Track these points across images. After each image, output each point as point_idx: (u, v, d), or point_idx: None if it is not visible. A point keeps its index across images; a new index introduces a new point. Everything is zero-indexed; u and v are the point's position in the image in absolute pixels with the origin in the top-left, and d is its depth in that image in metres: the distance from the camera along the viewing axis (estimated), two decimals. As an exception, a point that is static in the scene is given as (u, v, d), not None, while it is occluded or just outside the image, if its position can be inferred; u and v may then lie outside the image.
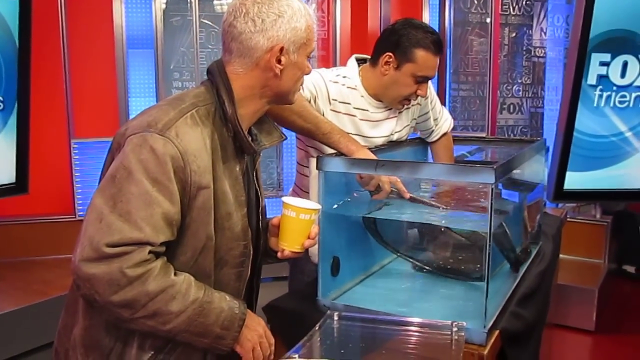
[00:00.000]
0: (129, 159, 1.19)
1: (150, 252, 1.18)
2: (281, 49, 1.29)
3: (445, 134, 2.18)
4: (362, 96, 1.92)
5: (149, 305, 1.18)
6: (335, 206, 1.63)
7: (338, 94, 1.88)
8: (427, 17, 4.49)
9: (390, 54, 1.85)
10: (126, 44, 3.83)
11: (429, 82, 1.97)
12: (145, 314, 1.18)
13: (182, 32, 4.08)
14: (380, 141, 1.96)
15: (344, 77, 1.92)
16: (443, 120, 2.17)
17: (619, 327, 3.50)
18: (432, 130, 2.16)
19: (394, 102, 1.92)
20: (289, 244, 1.39)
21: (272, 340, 1.37)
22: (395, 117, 1.99)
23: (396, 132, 2.01)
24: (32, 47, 3.20)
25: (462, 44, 4.78)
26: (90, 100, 3.66)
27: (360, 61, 1.99)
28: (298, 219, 1.37)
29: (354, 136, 1.84)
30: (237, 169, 1.34)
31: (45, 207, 3.45)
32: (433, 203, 1.73)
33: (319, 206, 1.41)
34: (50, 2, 3.51)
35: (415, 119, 2.10)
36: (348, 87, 1.90)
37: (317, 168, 1.55)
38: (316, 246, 1.58)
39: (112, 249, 1.15)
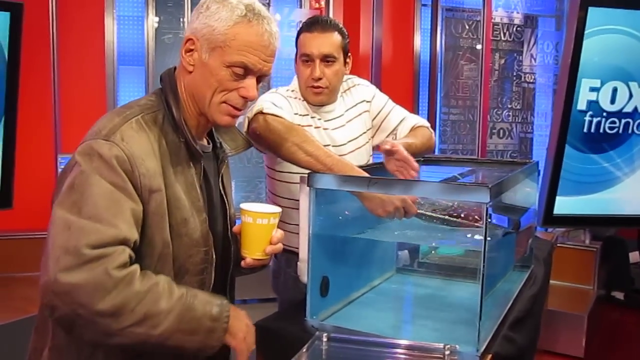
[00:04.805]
0: (82, 166, 1.16)
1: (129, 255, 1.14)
2: (189, 40, 1.27)
3: (414, 128, 2.02)
4: (306, 107, 1.97)
5: (137, 309, 1.11)
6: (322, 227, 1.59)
7: (297, 108, 1.94)
8: (419, 41, 4.52)
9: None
10: (117, 60, 3.82)
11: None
12: (135, 319, 1.11)
13: (173, 50, 4.07)
14: (343, 149, 1.97)
15: (293, 91, 1.99)
16: (408, 120, 2.05)
17: (608, 355, 3.46)
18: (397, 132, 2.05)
19: (306, 94, 1.95)
20: (250, 251, 1.35)
21: (254, 331, 1.33)
22: (343, 126, 2.01)
23: (352, 141, 2.01)
24: (22, 60, 3.16)
25: (453, 69, 4.82)
26: (78, 115, 3.61)
27: None
28: (255, 224, 1.33)
29: None
30: (192, 174, 1.30)
31: (29, 223, 3.38)
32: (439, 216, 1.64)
33: (277, 209, 1.37)
34: (41, 17, 3.50)
35: (372, 127, 2.08)
36: (301, 100, 1.97)
37: (308, 185, 1.52)
38: (305, 265, 1.55)
39: (93, 251, 1.08)
